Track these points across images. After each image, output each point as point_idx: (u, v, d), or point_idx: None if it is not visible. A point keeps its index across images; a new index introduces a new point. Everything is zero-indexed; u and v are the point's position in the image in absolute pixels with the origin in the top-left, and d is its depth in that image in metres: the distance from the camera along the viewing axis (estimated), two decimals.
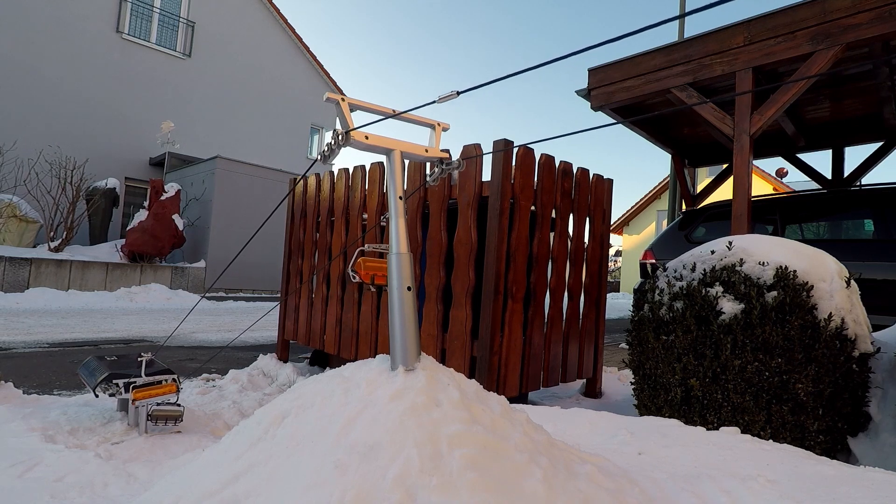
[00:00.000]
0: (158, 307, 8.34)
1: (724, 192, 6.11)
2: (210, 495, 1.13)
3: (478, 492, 0.99)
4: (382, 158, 1.50)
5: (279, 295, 6.27)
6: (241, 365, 3.99)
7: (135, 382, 2.16)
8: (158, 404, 2.28)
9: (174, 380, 2.29)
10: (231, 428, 1.92)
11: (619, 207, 20.17)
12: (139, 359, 2.18)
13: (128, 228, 10.22)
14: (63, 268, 8.86)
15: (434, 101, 1.28)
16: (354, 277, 1.50)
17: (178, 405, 2.30)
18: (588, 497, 1.09)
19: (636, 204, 20.46)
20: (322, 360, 4.22)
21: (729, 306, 2.00)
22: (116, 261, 9.79)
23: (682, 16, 0.62)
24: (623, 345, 5.99)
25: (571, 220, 3.18)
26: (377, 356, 1.39)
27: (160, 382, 2.24)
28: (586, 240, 3.36)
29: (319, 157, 1.37)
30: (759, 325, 1.92)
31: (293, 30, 16.45)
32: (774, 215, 4.73)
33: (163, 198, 10.31)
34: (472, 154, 2.67)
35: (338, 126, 1.34)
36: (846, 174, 5.66)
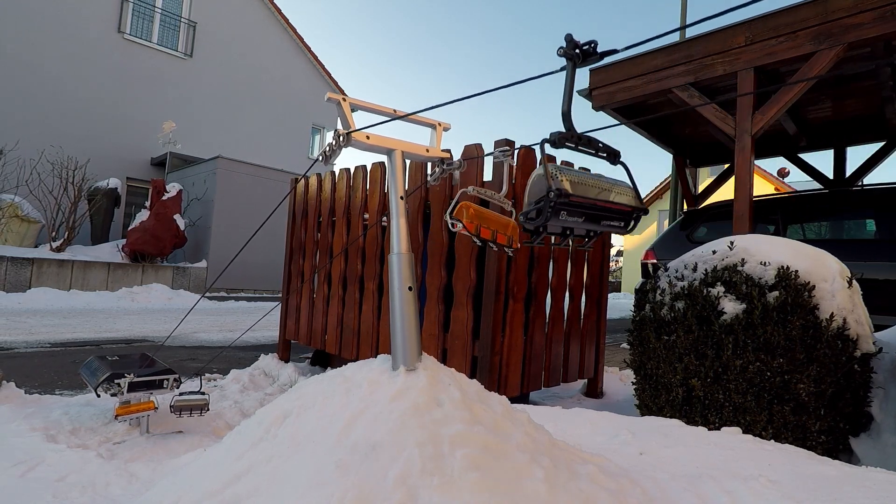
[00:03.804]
0: (160, 307, 8.35)
1: (726, 191, 6.10)
2: (211, 495, 1.13)
3: (479, 492, 0.99)
4: (384, 158, 1.50)
5: (280, 295, 6.27)
6: (243, 365, 3.99)
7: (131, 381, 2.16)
8: (181, 394, 2.23)
9: (176, 380, 2.29)
10: (232, 428, 1.92)
11: None
12: (120, 382, 2.15)
13: (129, 228, 10.22)
14: (65, 268, 8.87)
15: (430, 108, 1.27)
16: (455, 226, 1.30)
17: (203, 393, 2.26)
18: (589, 497, 1.09)
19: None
20: (323, 360, 4.23)
21: (730, 306, 2.00)
22: (118, 261, 9.80)
23: (683, 27, 0.62)
24: (624, 345, 5.99)
25: None
26: (378, 356, 1.39)
27: (161, 382, 2.24)
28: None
29: (321, 158, 1.38)
30: (760, 326, 1.92)
31: (294, 30, 16.46)
32: (776, 215, 4.72)
33: (164, 198, 10.32)
34: (473, 154, 2.67)
35: (339, 126, 1.34)
36: (848, 174, 5.64)
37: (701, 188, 6.34)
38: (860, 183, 5.65)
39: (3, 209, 9.14)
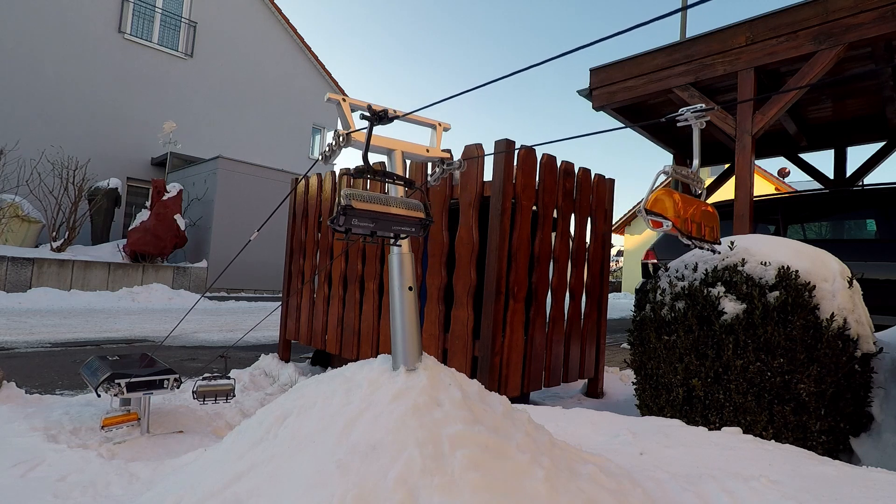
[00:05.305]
0: (160, 307, 8.35)
1: (727, 191, 6.10)
2: (212, 495, 1.13)
3: (480, 492, 0.99)
4: (384, 158, 1.50)
5: (281, 295, 6.27)
6: (243, 365, 3.99)
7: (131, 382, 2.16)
8: (203, 378, 2.16)
9: (176, 379, 2.29)
10: (233, 427, 1.93)
11: (621, 207, 20.21)
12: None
13: (130, 228, 10.22)
14: (65, 268, 8.87)
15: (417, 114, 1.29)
16: (656, 224, 1.08)
17: (229, 377, 2.16)
18: (590, 497, 1.09)
19: (638, 204, 20.41)
20: (324, 360, 4.23)
21: (731, 306, 2.00)
22: (118, 261, 9.80)
23: (683, 8, 0.62)
24: (625, 345, 5.98)
25: (573, 220, 3.18)
26: (379, 356, 1.39)
27: (162, 382, 2.24)
28: (588, 240, 3.36)
29: (321, 158, 1.38)
30: (761, 326, 1.92)
31: (295, 30, 16.47)
32: (776, 215, 4.72)
33: (165, 198, 10.31)
34: (473, 154, 2.67)
35: (339, 126, 1.34)
36: (848, 174, 5.64)
37: None
38: (860, 183, 5.65)
39: (3, 209, 9.15)
